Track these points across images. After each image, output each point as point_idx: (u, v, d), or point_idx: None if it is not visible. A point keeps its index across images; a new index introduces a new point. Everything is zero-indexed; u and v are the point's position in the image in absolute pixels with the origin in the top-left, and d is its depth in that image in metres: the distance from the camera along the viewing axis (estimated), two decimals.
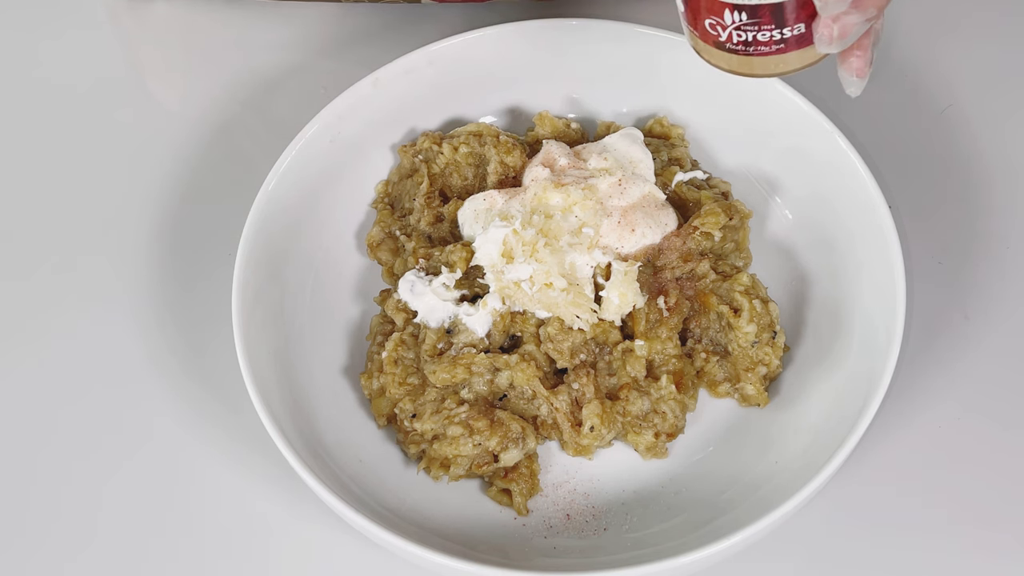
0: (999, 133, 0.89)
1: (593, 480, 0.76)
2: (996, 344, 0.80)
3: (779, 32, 0.62)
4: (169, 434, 0.79)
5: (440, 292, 0.76)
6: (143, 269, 0.85)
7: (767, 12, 0.61)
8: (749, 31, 0.62)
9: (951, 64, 0.92)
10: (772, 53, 0.63)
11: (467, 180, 0.84)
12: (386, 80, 0.83)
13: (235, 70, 0.94)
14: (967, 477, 0.76)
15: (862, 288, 0.76)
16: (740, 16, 0.62)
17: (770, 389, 0.78)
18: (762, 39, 0.63)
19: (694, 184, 0.82)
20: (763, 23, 0.62)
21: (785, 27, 0.62)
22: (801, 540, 0.74)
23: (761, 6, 0.61)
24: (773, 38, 0.62)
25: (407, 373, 0.76)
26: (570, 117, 0.87)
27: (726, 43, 0.64)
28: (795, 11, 0.61)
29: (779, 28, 0.62)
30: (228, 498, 0.77)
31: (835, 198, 0.79)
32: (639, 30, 0.83)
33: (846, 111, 0.86)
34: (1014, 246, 0.84)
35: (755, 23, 0.62)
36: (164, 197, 0.88)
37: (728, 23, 0.62)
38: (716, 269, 0.79)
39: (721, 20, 0.63)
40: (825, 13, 0.61)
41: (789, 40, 0.63)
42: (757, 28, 0.62)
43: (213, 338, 0.81)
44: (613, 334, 0.76)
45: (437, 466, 0.75)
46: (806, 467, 0.69)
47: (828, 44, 0.62)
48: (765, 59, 0.64)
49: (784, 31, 0.62)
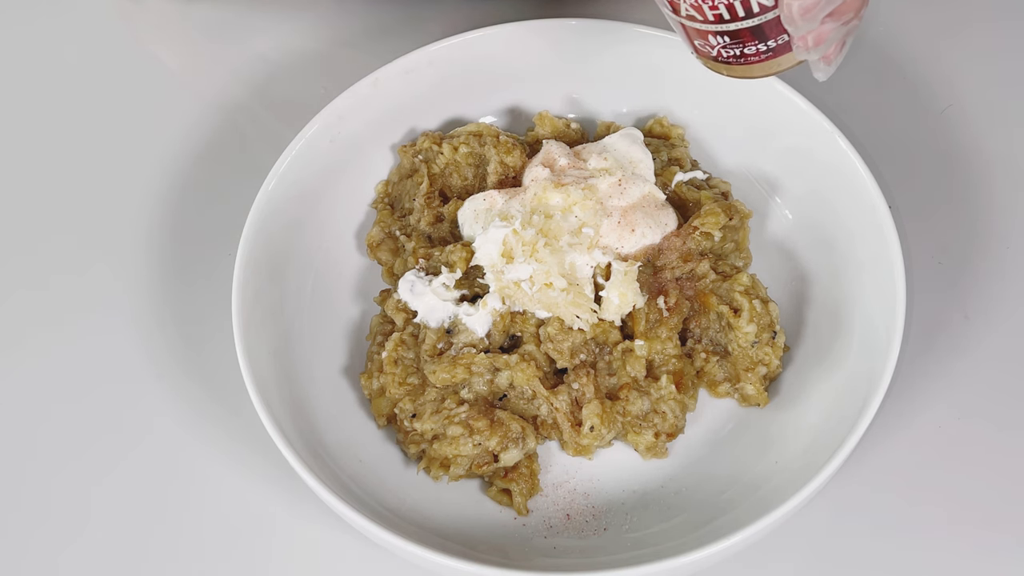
0: (999, 133, 0.89)
1: (593, 480, 0.76)
2: (996, 344, 0.80)
3: (764, 44, 0.64)
4: (169, 434, 0.79)
5: (440, 292, 0.76)
6: (143, 269, 0.85)
7: (747, 33, 0.63)
8: (735, 48, 0.64)
9: (951, 64, 0.92)
10: (763, 60, 0.65)
11: (467, 180, 0.84)
12: (386, 80, 0.83)
13: (234, 71, 0.94)
14: (966, 477, 0.76)
15: (862, 288, 0.76)
16: (724, 39, 0.64)
17: (770, 389, 0.78)
18: (749, 52, 0.64)
19: (694, 184, 0.82)
20: (746, 41, 0.64)
21: (768, 40, 0.64)
22: (801, 540, 0.74)
23: (741, 30, 0.63)
24: (760, 50, 0.64)
25: (407, 373, 0.76)
26: (570, 117, 0.87)
27: (718, 58, 0.66)
28: (774, 26, 0.63)
29: (763, 42, 0.64)
30: (228, 498, 0.77)
31: (835, 198, 0.79)
32: (639, 30, 0.83)
33: (846, 111, 0.86)
34: (1014, 246, 0.84)
35: (739, 42, 0.64)
36: (164, 197, 0.88)
37: (715, 44, 0.64)
38: (716, 269, 0.79)
39: (708, 42, 0.64)
40: (797, 35, 0.62)
41: (776, 48, 0.64)
42: (743, 45, 0.64)
43: (213, 338, 0.81)
44: (613, 334, 0.76)
45: (437, 466, 0.75)
46: (806, 467, 0.69)
47: (806, 52, 0.63)
48: (759, 65, 0.65)
49: (768, 43, 0.64)
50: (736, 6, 0.61)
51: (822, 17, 0.60)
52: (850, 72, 0.90)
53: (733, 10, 0.61)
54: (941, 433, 0.78)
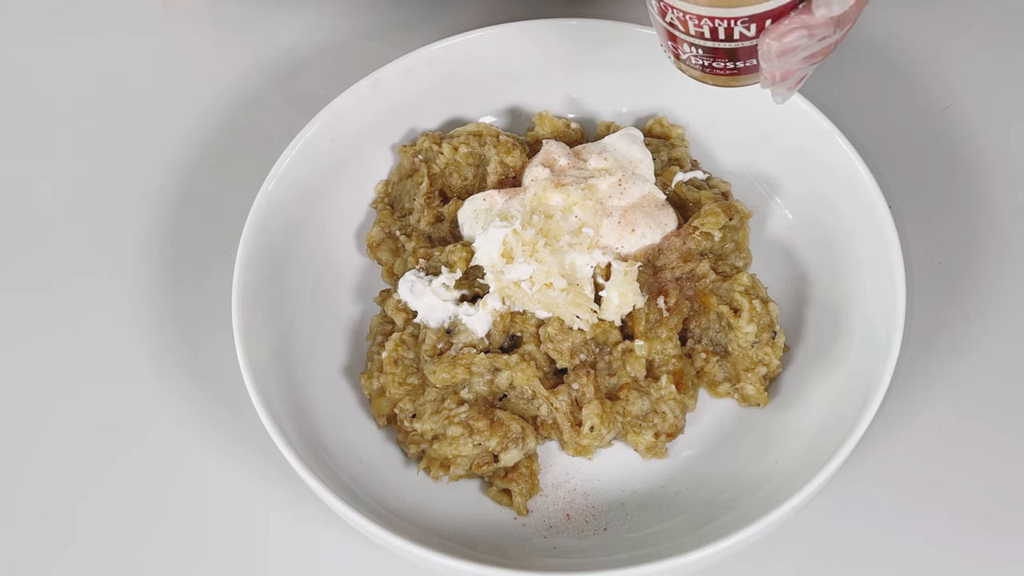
0: (999, 133, 0.89)
1: (593, 480, 0.76)
2: (996, 344, 0.80)
3: (732, 64, 0.65)
4: (169, 434, 0.79)
5: (440, 292, 0.76)
6: (143, 269, 0.85)
7: (721, 52, 0.64)
8: (705, 60, 0.65)
9: (951, 64, 0.92)
10: (727, 75, 0.66)
11: (467, 180, 0.84)
12: (386, 80, 0.83)
13: (235, 69, 0.94)
14: (967, 476, 0.76)
15: (862, 288, 0.76)
16: (697, 51, 0.65)
17: (770, 389, 0.78)
18: (717, 66, 0.65)
19: (694, 184, 0.82)
20: (718, 57, 0.65)
21: (738, 62, 0.65)
22: (801, 540, 0.74)
23: (717, 48, 0.64)
24: (727, 67, 0.65)
25: (407, 373, 0.76)
26: (570, 117, 0.87)
27: (687, 62, 0.67)
28: (748, 52, 0.64)
29: (732, 62, 0.65)
30: (228, 498, 0.77)
31: (835, 198, 0.79)
32: (639, 30, 0.83)
33: (846, 111, 0.86)
34: (1014, 246, 0.84)
35: (710, 57, 0.65)
36: (164, 197, 0.88)
37: (687, 52, 0.65)
38: (716, 269, 0.79)
39: (682, 48, 0.65)
40: (768, 71, 0.63)
41: (742, 68, 0.65)
42: (713, 59, 0.65)
43: (213, 338, 0.81)
44: (613, 334, 0.76)
45: (437, 466, 0.75)
46: (806, 467, 0.69)
47: (772, 84, 0.64)
48: (723, 78, 0.66)
49: (737, 64, 0.65)
50: (719, 31, 0.62)
51: (797, 60, 0.62)
52: (850, 72, 0.91)
53: (715, 33, 0.63)
54: (941, 433, 0.78)
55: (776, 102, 0.66)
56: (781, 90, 0.65)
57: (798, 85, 0.65)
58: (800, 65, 0.62)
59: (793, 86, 0.64)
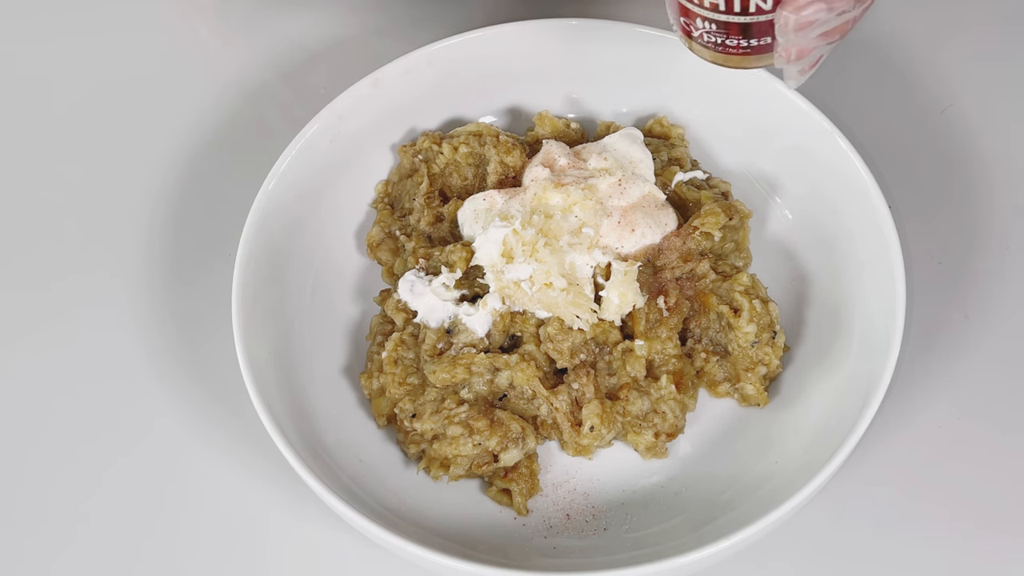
0: (999, 133, 0.89)
1: (593, 480, 0.76)
2: (996, 344, 0.80)
3: (746, 41, 0.64)
4: (169, 433, 0.79)
5: (440, 292, 0.76)
6: (143, 268, 0.85)
7: (735, 27, 0.64)
8: (718, 36, 0.65)
9: (951, 64, 0.92)
10: (740, 55, 0.65)
11: (467, 180, 0.84)
12: (386, 80, 0.83)
13: (240, 65, 0.94)
14: (967, 476, 0.76)
15: (862, 288, 0.76)
16: (711, 26, 0.64)
17: (770, 389, 0.78)
18: (730, 44, 0.65)
19: (694, 184, 0.82)
20: (731, 34, 0.64)
21: (752, 39, 0.64)
22: (801, 540, 0.74)
23: (731, 23, 0.63)
24: (740, 45, 0.65)
25: (407, 373, 0.76)
26: (570, 117, 0.87)
27: (698, 40, 0.66)
28: (763, 28, 0.63)
29: (746, 39, 0.64)
30: (228, 498, 0.77)
31: (835, 198, 0.79)
32: (639, 30, 0.83)
33: (846, 111, 0.86)
34: (1014, 246, 0.84)
35: (723, 33, 0.64)
36: (164, 196, 0.88)
37: (700, 27, 0.65)
38: (716, 269, 0.79)
39: (694, 23, 0.65)
40: (784, 46, 0.62)
41: (756, 47, 0.65)
42: (726, 36, 0.64)
43: (213, 338, 0.81)
44: (613, 334, 0.76)
45: (437, 466, 0.75)
46: (806, 467, 0.69)
47: (786, 63, 0.63)
48: (735, 57, 0.66)
49: (751, 41, 0.64)
50: (735, 2, 0.62)
51: (815, 35, 0.61)
52: (850, 72, 0.91)
53: (730, 3, 0.62)
54: (941, 432, 0.78)
55: (789, 85, 0.66)
56: (795, 71, 0.64)
57: (813, 69, 0.64)
58: (817, 43, 0.61)
59: (807, 68, 0.64)
